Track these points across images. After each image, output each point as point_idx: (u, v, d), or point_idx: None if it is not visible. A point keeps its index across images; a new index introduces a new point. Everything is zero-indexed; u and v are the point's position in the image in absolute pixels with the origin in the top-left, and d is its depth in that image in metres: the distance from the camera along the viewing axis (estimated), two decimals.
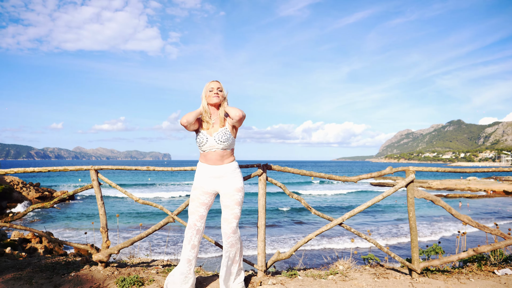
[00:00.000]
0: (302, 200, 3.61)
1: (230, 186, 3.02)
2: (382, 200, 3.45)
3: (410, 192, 3.55)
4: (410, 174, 3.54)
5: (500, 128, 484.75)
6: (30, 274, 3.54)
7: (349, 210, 22.99)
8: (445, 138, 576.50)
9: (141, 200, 3.67)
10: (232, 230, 3.00)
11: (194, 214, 3.01)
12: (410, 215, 3.53)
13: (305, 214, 23.00)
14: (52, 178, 61.90)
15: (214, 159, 3.00)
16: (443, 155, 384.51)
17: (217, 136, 2.96)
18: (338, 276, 3.64)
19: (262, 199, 3.55)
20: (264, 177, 3.57)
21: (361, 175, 3.60)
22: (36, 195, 28.52)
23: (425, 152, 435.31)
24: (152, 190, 39.16)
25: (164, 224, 3.65)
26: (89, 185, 3.71)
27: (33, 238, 14.01)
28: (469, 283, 3.49)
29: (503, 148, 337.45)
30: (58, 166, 3.71)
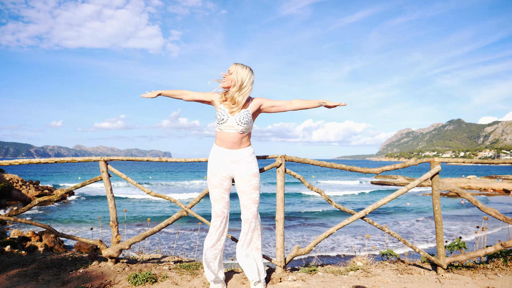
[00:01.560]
0: (323, 192, 3.44)
1: (247, 171, 2.90)
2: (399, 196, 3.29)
3: (435, 185, 3.38)
4: (436, 166, 3.37)
5: (499, 128, 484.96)
6: (36, 271, 3.36)
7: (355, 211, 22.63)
8: (445, 137, 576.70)
9: (153, 193, 3.49)
10: (253, 215, 2.90)
11: (221, 201, 2.87)
12: (435, 208, 3.36)
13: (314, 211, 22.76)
14: (52, 176, 61.69)
15: (231, 142, 2.86)
16: (443, 154, 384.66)
17: (239, 117, 2.81)
18: (360, 272, 3.47)
19: (280, 191, 3.38)
20: (282, 169, 3.40)
21: (384, 166, 3.43)
22: (36, 193, 28.29)
23: (425, 151, 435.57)
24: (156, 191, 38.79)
25: (177, 217, 3.48)
26: (98, 177, 3.54)
27: (33, 236, 13.82)
28: (497, 278, 3.33)
29: (502, 147, 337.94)
30: (58, 164, 3.54)
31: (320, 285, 3.08)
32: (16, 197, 27.10)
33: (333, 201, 3.46)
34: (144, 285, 3.01)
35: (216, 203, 2.88)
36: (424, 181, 3.41)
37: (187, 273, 3.36)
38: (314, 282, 3.14)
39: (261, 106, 2.92)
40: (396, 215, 21.93)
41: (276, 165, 3.39)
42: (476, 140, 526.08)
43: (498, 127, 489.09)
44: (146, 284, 3.04)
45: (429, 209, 24.08)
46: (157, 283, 3.07)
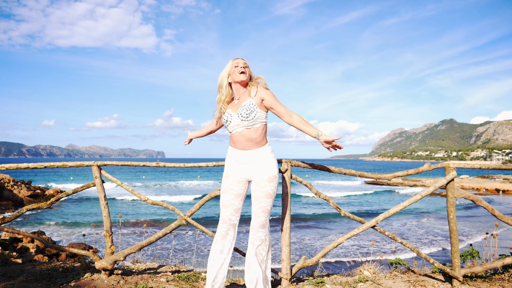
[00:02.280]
0: (331, 200, 3.23)
1: (261, 174, 2.65)
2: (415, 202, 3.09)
3: (450, 192, 3.19)
4: (451, 172, 3.18)
5: (491, 128, 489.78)
6: (24, 284, 3.12)
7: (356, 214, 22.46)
8: (437, 137, 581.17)
9: (150, 200, 3.26)
10: (260, 224, 2.67)
11: (228, 208, 2.67)
12: (450, 216, 3.17)
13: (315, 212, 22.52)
14: (44, 176, 60.91)
15: (241, 141, 2.65)
16: (436, 153, 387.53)
17: (240, 111, 2.61)
18: (370, 284, 3.27)
19: (286, 198, 3.17)
20: (288, 175, 3.18)
21: (396, 172, 3.23)
22: (27, 193, 27.81)
23: (418, 151, 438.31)
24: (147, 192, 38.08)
25: (176, 227, 3.26)
26: (91, 183, 3.30)
27: (25, 237, 13.52)
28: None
29: (494, 147, 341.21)
30: (51, 167, 3.29)
31: None
32: (7, 197, 26.61)
33: (342, 209, 3.25)
34: None
35: (224, 209, 2.68)
36: (439, 187, 3.22)
37: (186, 285, 3.14)
38: None
39: (264, 100, 2.66)
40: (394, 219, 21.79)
41: (282, 170, 3.18)
42: (468, 140, 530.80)
43: (490, 127, 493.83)
44: None
45: (424, 209, 24.02)
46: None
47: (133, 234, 14.62)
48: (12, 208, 24.98)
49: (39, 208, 3.24)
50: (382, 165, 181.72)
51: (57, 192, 29.96)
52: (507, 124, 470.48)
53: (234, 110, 2.66)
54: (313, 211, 22.87)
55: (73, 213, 22.56)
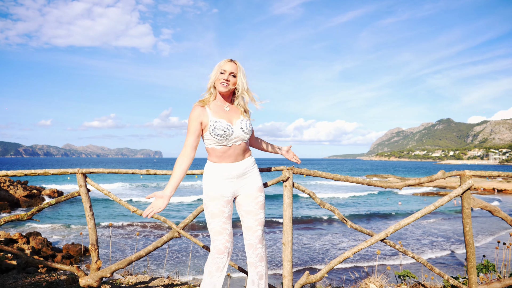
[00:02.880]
0: (336, 210, 2.98)
1: (252, 185, 2.41)
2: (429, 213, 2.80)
3: (466, 202, 2.94)
4: (467, 180, 2.94)
5: (488, 127, 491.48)
6: None
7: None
8: (434, 136, 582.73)
9: (139, 211, 3.00)
10: (258, 239, 2.37)
11: (223, 234, 2.29)
12: (466, 229, 2.92)
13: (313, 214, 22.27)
14: (41, 175, 60.41)
15: (236, 154, 2.34)
16: (433, 153, 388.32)
17: (243, 124, 2.33)
18: None
19: (288, 209, 2.91)
20: (290, 183, 2.93)
21: (407, 181, 2.98)
22: (24, 193, 27.44)
23: (415, 150, 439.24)
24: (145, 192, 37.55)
25: (167, 239, 2.99)
26: (75, 192, 3.03)
27: (20, 238, 13.19)
28: None
29: (491, 147, 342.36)
30: (47, 163, 3.02)
31: None
32: (3, 198, 26.22)
33: (348, 220, 3.00)
34: None
35: (217, 237, 2.28)
36: (454, 197, 2.97)
37: None
38: None
39: None
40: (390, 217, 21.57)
41: (283, 179, 2.92)
42: (465, 139, 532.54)
43: (486, 126, 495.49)
44: None
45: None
46: None
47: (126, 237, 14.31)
48: (8, 208, 24.58)
49: (18, 220, 2.97)
50: (380, 164, 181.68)
51: (53, 193, 29.61)
52: (503, 124, 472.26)
53: (229, 120, 2.32)
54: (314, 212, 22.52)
55: (69, 212, 22.20)
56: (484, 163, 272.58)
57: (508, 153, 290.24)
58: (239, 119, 2.34)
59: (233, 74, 2.30)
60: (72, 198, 2.96)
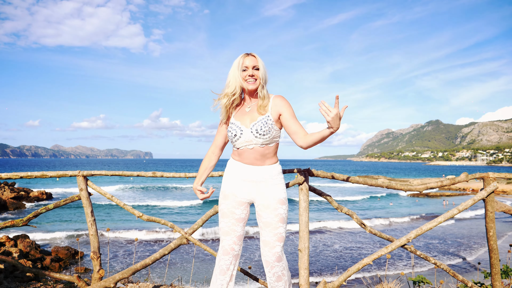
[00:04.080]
0: (354, 215, 2.82)
1: (271, 196, 2.18)
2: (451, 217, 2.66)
3: (490, 205, 2.81)
4: (491, 183, 2.80)
5: (476, 128, 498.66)
6: None
7: None
8: (424, 137, 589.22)
9: (145, 216, 2.80)
10: (276, 257, 2.14)
11: (230, 235, 2.19)
12: (490, 233, 2.79)
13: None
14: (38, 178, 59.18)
15: (252, 157, 2.18)
16: (422, 154, 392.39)
17: (255, 126, 2.14)
18: None
19: (304, 214, 2.74)
20: (306, 187, 2.76)
21: (428, 183, 2.84)
22: (11, 195, 26.85)
23: (404, 151, 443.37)
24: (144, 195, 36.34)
25: (175, 246, 2.80)
26: (76, 196, 2.82)
27: (7, 241, 12.85)
28: None
29: (479, 148, 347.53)
30: (35, 164, 2.80)
31: None
32: None
33: (367, 225, 2.84)
34: None
35: (225, 237, 2.20)
36: (479, 200, 2.84)
37: None
38: None
39: (281, 115, 2.18)
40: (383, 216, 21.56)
41: (299, 181, 2.75)
42: (453, 140, 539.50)
43: (474, 128, 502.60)
44: None
45: (412, 211, 23.87)
46: None
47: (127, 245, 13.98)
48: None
49: (13, 226, 2.76)
50: (370, 165, 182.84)
51: (41, 194, 29.01)
52: (491, 125, 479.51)
53: (243, 123, 2.19)
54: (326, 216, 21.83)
55: (62, 215, 21.71)
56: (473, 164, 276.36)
57: (495, 154, 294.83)
58: (255, 121, 2.17)
59: (256, 67, 2.16)
60: (59, 198, 2.75)
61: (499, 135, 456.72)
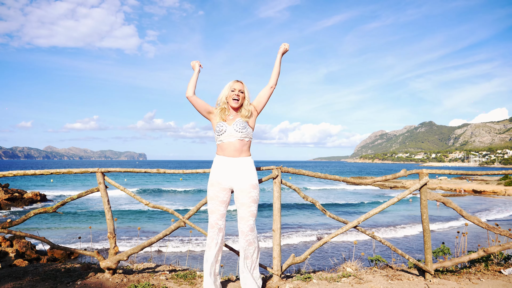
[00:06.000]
0: (317, 203, 3.56)
1: (246, 181, 2.98)
2: (393, 204, 3.42)
3: (423, 195, 3.56)
4: (424, 177, 3.55)
5: (469, 130, 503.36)
6: (32, 283, 3.33)
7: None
8: (417, 139, 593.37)
9: (151, 204, 3.52)
10: (249, 228, 2.95)
11: (215, 213, 2.99)
12: (423, 217, 3.54)
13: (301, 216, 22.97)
14: (22, 178, 59.50)
15: (232, 150, 2.99)
16: (416, 155, 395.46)
17: (235, 125, 2.99)
18: (352, 279, 3.61)
19: (277, 202, 3.48)
20: (279, 180, 3.50)
21: (375, 177, 3.58)
22: (5, 196, 27.22)
23: (398, 153, 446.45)
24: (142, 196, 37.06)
25: (175, 228, 3.52)
26: (95, 188, 3.53)
27: (3, 241, 13.29)
28: (480, 283, 3.54)
29: (471, 149, 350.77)
30: (28, 166, 3.51)
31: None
32: None
33: (327, 211, 3.58)
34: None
35: (211, 215, 3.00)
36: (414, 191, 3.59)
37: (185, 283, 3.41)
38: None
39: (255, 107, 3.15)
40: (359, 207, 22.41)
41: (273, 176, 3.49)
42: (446, 142, 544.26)
43: (467, 129, 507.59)
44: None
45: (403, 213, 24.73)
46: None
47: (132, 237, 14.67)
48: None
49: (45, 212, 3.46)
50: (364, 167, 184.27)
51: (35, 195, 29.41)
52: (483, 127, 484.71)
53: (228, 123, 3.01)
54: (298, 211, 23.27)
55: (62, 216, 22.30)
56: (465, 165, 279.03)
57: (488, 156, 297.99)
58: (235, 121, 3.01)
59: (241, 91, 3.03)
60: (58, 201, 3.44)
61: (492, 136, 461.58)
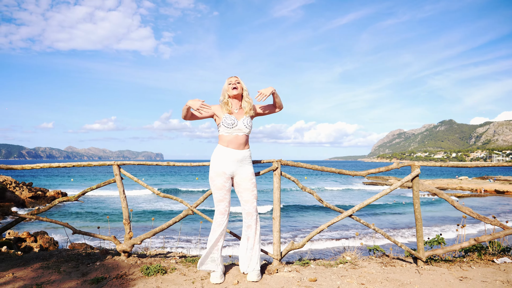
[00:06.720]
0: (315, 193, 3.83)
1: (247, 170, 3.36)
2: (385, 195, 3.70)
3: (415, 186, 3.79)
4: (416, 169, 3.78)
5: (491, 128, 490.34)
6: (57, 264, 3.71)
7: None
8: (436, 138, 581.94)
9: (162, 194, 3.86)
10: (255, 208, 3.34)
11: (224, 201, 3.29)
12: (415, 207, 3.77)
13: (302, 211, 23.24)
14: (44, 178, 61.40)
15: (238, 143, 3.31)
16: (435, 154, 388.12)
17: (245, 120, 3.32)
18: (348, 265, 3.87)
19: (277, 192, 3.76)
20: (279, 172, 3.78)
21: (369, 169, 3.83)
22: (29, 194, 28.30)
23: (417, 152, 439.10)
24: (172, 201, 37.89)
25: (183, 216, 3.85)
26: (112, 179, 3.89)
27: (28, 237, 14.01)
28: (470, 270, 3.74)
29: (494, 148, 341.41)
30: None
31: (312, 275, 3.47)
32: (9, 199, 27.11)
33: (324, 200, 3.85)
34: (156, 276, 3.38)
35: (220, 203, 3.29)
36: (406, 182, 3.82)
37: (193, 266, 3.73)
38: (307, 273, 3.53)
39: (256, 110, 3.51)
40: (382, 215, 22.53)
41: (273, 168, 3.78)
42: (468, 140, 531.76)
43: (489, 127, 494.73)
44: (157, 275, 3.40)
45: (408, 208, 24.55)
46: (167, 274, 3.44)
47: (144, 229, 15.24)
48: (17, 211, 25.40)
49: (68, 201, 3.84)
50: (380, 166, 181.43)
51: (57, 194, 30.38)
52: (507, 125, 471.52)
53: (237, 118, 3.34)
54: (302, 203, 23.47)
55: (78, 212, 23.13)
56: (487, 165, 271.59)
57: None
58: (243, 117, 3.36)
59: (237, 81, 3.37)
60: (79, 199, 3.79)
61: None
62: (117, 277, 3.31)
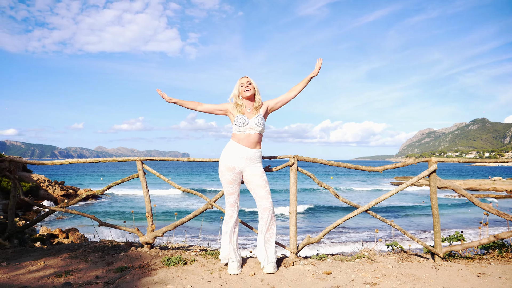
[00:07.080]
0: (331, 188, 3.88)
1: (257, 168, 3.45)
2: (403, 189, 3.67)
3: (432, 181, 3.78)
4: (433, 165, 3.77)
5: None
6: (84, 254, 3.94)
7: None
8: (468, 137, 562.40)
9: (182, 188, 4.02)
10: (270, 204, 3.43)
11: (234, 194, 3.42)
12: (432, 202, 3.76)
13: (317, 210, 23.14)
14: (75, 177, 63.62)
15: (250, 141, 3.40)
16: (467, 154, 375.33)
17: (256, 119, 3.40)
18: (365, 260, 3.90)
19: (293, 187, 3.84)
20: (295, 167, 3.86)
21: (385, 165, 3.85)
22: (61, 193, 29.45)
23: (447, 152, 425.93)
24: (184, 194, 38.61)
25: (203, 210, 3.99)
26: (135, 174, 4.08)
27: (60, 233, 14.65)
28: (489, 267, 3.70)
29: None
30: (82, 166, 4.10)
31: (328, 268, 3.53)
32: (43, 197, 28.31)
33: (340, 195, 3.90)
34: (176, 266, 3.53)
35: (231, 196, 3.42)
36: (423, 178, 3.82)
37: (212, 258, 3.87)
38: (322, 266, 3.59)
39: (268, 107, 3.57)
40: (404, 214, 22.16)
41: (290, 164, 3.86)
42: (502, 140, 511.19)
43: None
44: (177, 265, 3.56)
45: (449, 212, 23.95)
46: (187, 265, 3.59)
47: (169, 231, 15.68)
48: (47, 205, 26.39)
49: (95, 194, 4.06)
50: (410, 166, 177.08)
51: (87, 192, 31.41)
52: None
53: (249, 117, 3.43)
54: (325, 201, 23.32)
55: (103, 210, 23.92)
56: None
57: None
58: (255, 116, 3.44)
59: (249, 83, 3.47)
60: (104, 197, 3.98)
61: None
62: (139, 266, 3.49)
